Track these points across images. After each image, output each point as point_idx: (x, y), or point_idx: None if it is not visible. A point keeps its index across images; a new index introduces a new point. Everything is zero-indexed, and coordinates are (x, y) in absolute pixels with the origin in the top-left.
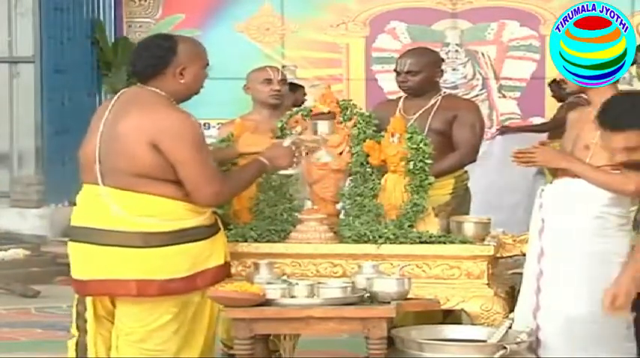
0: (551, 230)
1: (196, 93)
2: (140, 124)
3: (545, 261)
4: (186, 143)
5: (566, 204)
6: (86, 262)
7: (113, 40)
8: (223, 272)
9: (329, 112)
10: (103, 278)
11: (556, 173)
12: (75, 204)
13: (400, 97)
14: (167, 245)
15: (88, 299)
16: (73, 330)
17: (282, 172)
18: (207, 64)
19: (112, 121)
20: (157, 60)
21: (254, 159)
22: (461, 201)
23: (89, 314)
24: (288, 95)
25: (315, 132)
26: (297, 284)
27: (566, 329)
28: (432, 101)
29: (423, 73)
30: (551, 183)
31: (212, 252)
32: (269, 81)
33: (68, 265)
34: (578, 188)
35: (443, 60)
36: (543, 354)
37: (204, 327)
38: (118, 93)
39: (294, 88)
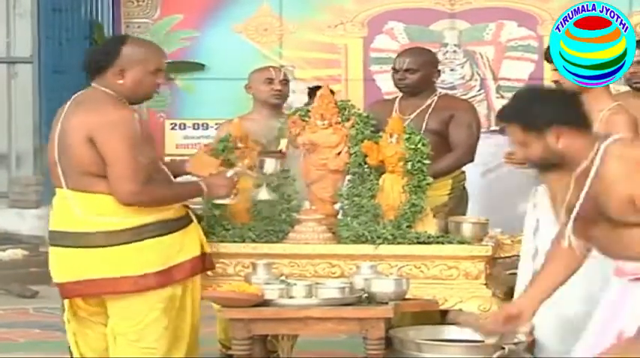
0: (546, 229)
1: (147, 97)
2: (80, 121)
3: (540, 261)
4: (116, 137)
5: None
6: (61, 265)
7: None
8: (201, 264)
9: (280, 151)
10: (76, 280)
11: None
12: None
13: (396, 97)
14: (131, 241)
15: (66, 301)
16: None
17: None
18: (158, 70)
19: (64, 122)
20: (99, 58)
21: (195, 181)
22: (458, 202)
23: (66, 316)
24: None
25: (261, 168)
26: (295, 284)
27: (561, 328)
28: (429, 101)
29: (421, 71)
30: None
31: (185, 245)
32: (271, 81)
33: None
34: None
35: (439, 61)
36: (539, 354)
37: (188, 321)
38: (75, 95)
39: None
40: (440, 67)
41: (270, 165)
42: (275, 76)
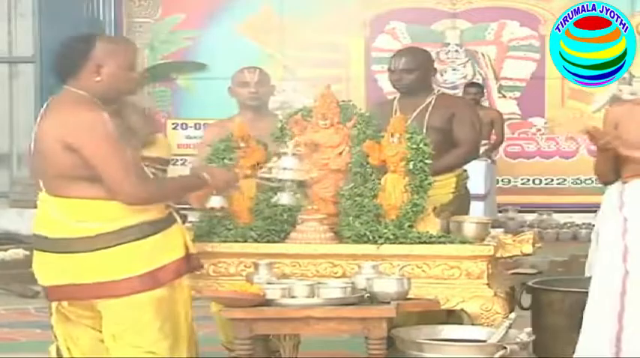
0: (637, 229)
1: (123, 93)
2: (51, 125)
3: (633, 261)
4: (97, 139)
5: None
6: (44, 269)
7: None
8: (187, 265)
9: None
10: (61, 284)
11: (614, 174)
12: None
13: (395, 98)
14: (113, 245)
15: (53, 304)
16: (55, 336)
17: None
18: (133, 65)
19: (37, 127)
20: (73, 55)
21: (197, 176)
22: (462, 200)
23: (53, 319)
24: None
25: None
26: (296, 284)
27: None
28: (428, 100)
29: (417, 71)
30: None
31: (168, 246)
32: (246, 83)
33: None
34: None
35: (434, 60)
36: (625, 354)
37: (183, 322)
38: (51, 98)
39: None
40: (441, 67)
41: (289, 170)
42: (249, 78)
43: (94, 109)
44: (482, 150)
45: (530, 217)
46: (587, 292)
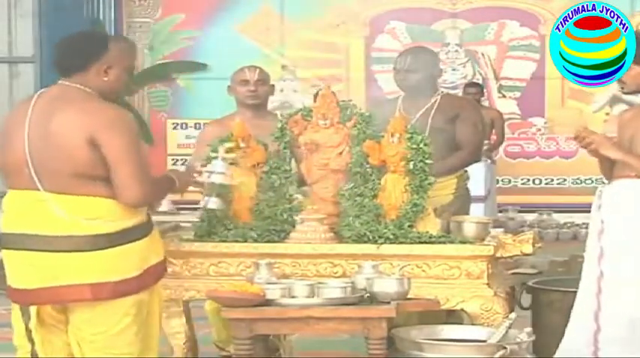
0: (611, 231)
1: (117, 94)
2: (77, 121)
3: (606, 263)
4: (124, 140)
5: (626, 205)
6: (31, 270)
7: None
8: (164, 268)
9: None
10: (52, 286)
11: (609, 173)
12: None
13: (398, 97)
14: (115, 245)
15: (32, 308)
16: (20, 342)
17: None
18: (131, 66)
19: (41, 121)
20: (88, 53)
21: (169, 174)
22: (463, 201)
23: (33, 323)
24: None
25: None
26: (296, 284)
27: (629, 331)
28: (432, 100)
29: (423, 71)
30: (607, 184)
31: (153, 248)
32: (245, 82)
33: None
34: (637, 189)
35: (441, 60)
36: (602, 355)
37: (156, 325)
38: (38, 93)
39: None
40: (441, 67)
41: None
42: (249, 76)
43: (119, 108)
44: (482, 150)
45: (530, 217)
46: None
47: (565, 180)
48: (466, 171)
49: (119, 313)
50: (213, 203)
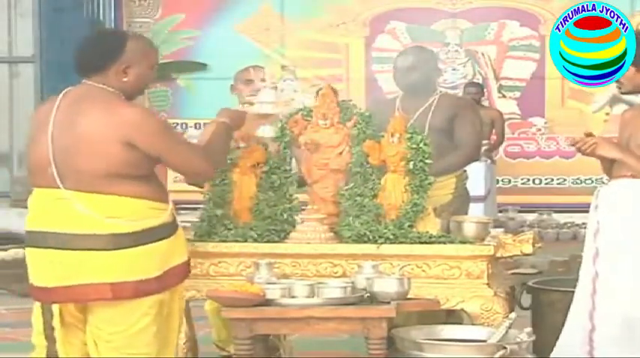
0: (607, 231)
1: (141, 92)
2: (107, 122)
3: (601, 263)
4: (160, 134)
5: (622, 205)
6: (51, 268)
7: None
8: (187, 269)
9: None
10: (72, 284)
11: (610, 173)
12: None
13: (396, 97)
14: (137, 245)
15: (55, 307)
16: (38, 340)
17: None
18: (155, 65)
19: (65, 121)
20: (103, 55)
21: (216, 124)
22: (462, 201)
23: (56, 322)
24: None
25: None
26: (296, 284)
27: (624, 330)
28: (430, 100)
29: (423, 70)
30: (606, 183)
31: (176, 249)
32: (250, 81)
33: None
34: (634, 189)
35: (440, 60)
36: (598, 354)
37: (176, 327)
38: (63, 92)
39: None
40: (441, 67)
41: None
42: (254, 76)
43: (140, 105)
44: (482, 150)
45: (530, 217)
46: None
47: (565, 180)
48: (465, 171)
49: (138, 313)
50: (269, 131)
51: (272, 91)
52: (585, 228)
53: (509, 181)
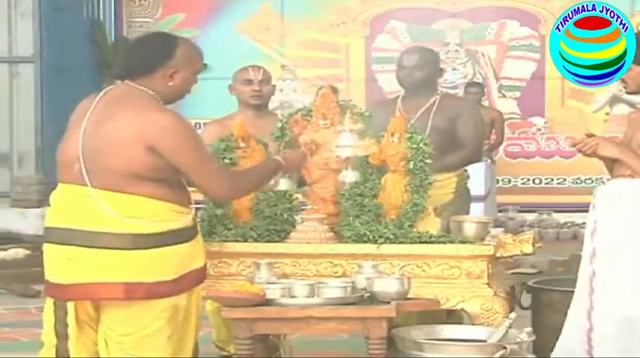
0: (605, 231)
1: (181, 97)
2: (134, 126)
3: (598, 262)
4: (189, 145)
5: (621, 205)
6: (69, 265)
7: (113, 40)
8: (204, 275)
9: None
10: (86, 282)
11: (611, 172)
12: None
13: (397, 97)
14: (155, 247)
15: (70, 304)
16: (47, 338)
17: (278, 188)
18: (200, 70)
19: (99, 120)
20: (152, 58)
21: (271, 159)
22: (463, 201)
23: (71, 319)
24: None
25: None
26: (296, 284)
27: (623, 329)
28: (432, 100)
29: (428, 69)
30: (604, 183)
31: (195, 254)
32: (249, 81)
33: None
34: (632, 188)
35: (442, 60)
36: (597, 354)
37: (192, 331)
38: (104, 91)
39: None
40: (442, 67)
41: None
42: (253, 76)
43: (175, 112)
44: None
45: (530, 217)
46: None
47: (565, 179)
48: (466, 171)
49: (150, 315)
50: (351, 176)
51: (352, 135)
52: (585, 227)
53: (509, 181)
